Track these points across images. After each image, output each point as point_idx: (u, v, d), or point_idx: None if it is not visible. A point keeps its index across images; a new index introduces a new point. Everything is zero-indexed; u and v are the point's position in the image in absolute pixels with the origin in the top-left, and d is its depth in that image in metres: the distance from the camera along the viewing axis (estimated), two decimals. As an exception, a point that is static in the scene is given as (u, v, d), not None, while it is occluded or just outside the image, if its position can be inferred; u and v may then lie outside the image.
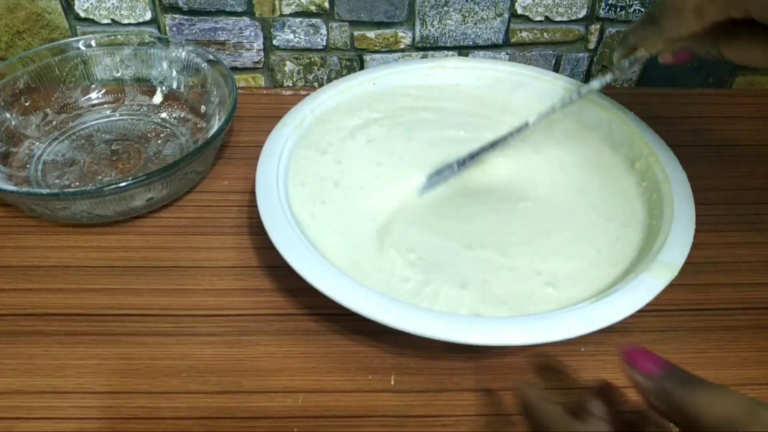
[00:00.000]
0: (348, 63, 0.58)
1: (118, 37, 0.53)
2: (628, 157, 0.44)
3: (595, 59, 0.59)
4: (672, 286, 0.33)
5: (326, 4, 0.54)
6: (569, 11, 0.55)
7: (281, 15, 0.55)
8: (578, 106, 0.47)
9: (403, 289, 0.36)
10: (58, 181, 0.47)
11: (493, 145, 0.43)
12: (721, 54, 0.35)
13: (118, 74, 0.54)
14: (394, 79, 0.49)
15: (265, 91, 0.59)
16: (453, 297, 0.35)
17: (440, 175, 0.43)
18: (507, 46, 0.57)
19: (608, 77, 0.41)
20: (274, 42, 0.56)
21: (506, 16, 0.55)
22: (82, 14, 0.54)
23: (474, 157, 0.43)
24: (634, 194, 0.42)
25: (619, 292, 0.32)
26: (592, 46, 0.58)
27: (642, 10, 0.55)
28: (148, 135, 0.51)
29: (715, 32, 0.34)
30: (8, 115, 0.49)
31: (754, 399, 0.22)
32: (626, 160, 0.44)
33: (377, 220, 0.41)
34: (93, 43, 0.53)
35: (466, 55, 0.58)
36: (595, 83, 0.42)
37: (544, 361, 0.37)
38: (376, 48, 0.57)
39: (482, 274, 0.37)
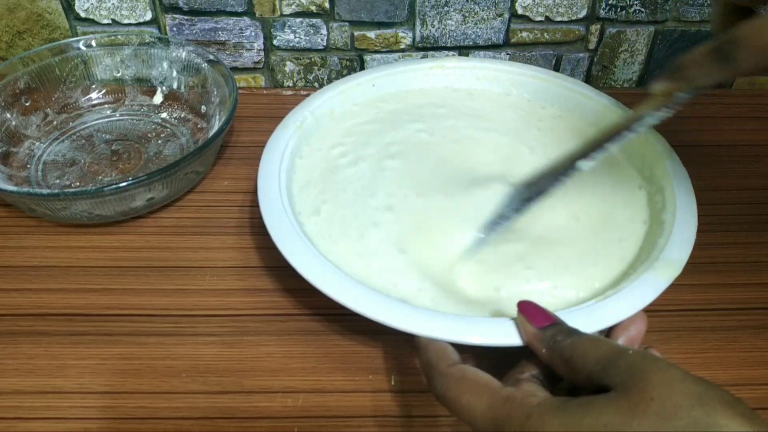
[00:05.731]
0: (348, 63, 0.58)
1: (119, 37, 0.53)
2: (631, 157, 0.44)
3: (595, 59, 0.59)
4: (673, 286, 0.33)
5: (326, 4, 0.54)
6: (569, 11, 0.55)
7: (281, 15, 0.55)
8: (580, 106, 0.47)
9: (403, 288, 0.36)
10: (58, 181, 0.47)
11: (540, 191, 0.38)
12: None
13: (119, 74, 0.54)
14: (395, 80, 0.49)
15: (265, 91, 0.59)
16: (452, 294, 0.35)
17: (495, 227, 0.38)
18: (507, 46, 0.57)
19: (662, 112, 0.35)
20: (275, 42, 0.56)
21: (506, 16, 0.55)
22: (83, 14, 0.54)
23: (529, 201, 0.38)
24: (637, 194, 0.41)
25: (624, 290, 0.32)
26: (592, 46, 0.58)
27: (642, 10, 0.55)
28: (149, 135, 0.51)
29: None
30: (9, 115, 0.49)
31: (623, 345, 0.26)
32: (628, 160, 0.44)
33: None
34: (93, 43, 0.53)
35: (467, 55, 0.58)
36: (649, 119, 0.35)
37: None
38: (377, 48, 0.57)
39: (485, 271, 0.37)
